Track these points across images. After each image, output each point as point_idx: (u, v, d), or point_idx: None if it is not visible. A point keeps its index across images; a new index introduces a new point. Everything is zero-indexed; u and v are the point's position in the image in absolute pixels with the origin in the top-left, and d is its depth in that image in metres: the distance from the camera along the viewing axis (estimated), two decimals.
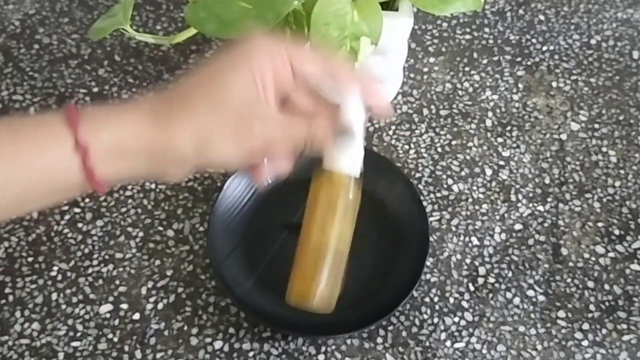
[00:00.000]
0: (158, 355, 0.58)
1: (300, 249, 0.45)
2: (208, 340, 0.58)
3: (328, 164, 0.43)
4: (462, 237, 0.65)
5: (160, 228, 0.64)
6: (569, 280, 0.62)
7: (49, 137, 0.38)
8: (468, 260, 0.63)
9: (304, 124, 0.41)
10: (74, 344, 0.58)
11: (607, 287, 0.62)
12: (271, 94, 0.40)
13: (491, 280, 0.62)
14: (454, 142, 0.71)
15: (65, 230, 0.64)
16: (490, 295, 0.61)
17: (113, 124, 0.39)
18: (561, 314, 0.61)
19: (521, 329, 0.60)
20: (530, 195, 0.67)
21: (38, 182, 0.38)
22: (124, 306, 0.60)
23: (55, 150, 0.38)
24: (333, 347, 0.58)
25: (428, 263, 0.63)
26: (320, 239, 0.45)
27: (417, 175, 0.68)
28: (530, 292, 0.62)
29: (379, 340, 0.59)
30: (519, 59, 0.78)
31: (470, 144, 0.71)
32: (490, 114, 0.73)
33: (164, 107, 0.39)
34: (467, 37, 0.79)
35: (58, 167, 0.38)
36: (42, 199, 0.40)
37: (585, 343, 0.59)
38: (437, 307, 0.61)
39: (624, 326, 0.60)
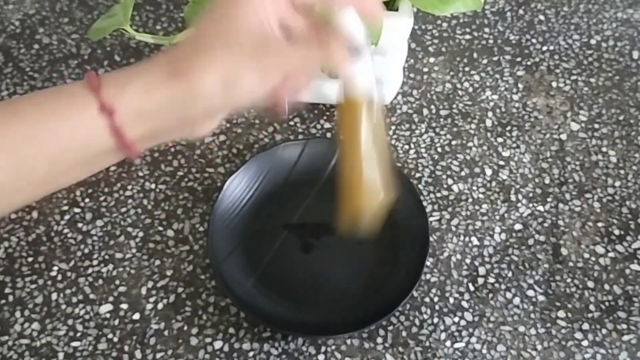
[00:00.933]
0: (158, 355, 0.58)
1: (343, 176, 0.46)
2: (208, 340, 0.58)
3: (346, 88, 0.44)
4: (462, 237, 0.65)
5: (160, 228, 0.64)
6: (569, 280, 0.62)
7: (72, 103, 0.38)
8: (468, 260, 0.63)
9: (317, 49, 0.41)
10: (74, 344, 0.58)
11: (607, 287, 0.62)
12: (275, 24, 0.40)
13: (491, 280, 0.62)
14: (454, 142, 0.71)
15: (65, 230, 0.64)
16: (490, 295, 0.61)
17: (135, 83, 0.38)
18: (561, 314, 0.61)
19: (521, 329, 0.60)
20: (530, 195, 0.67)
21: (68, 150, 0.38)
22: (124, 306, 0.60)
23: (81, 115, 0.37)
24: (333, 347, 0.58)
25: (428, 263, 0.63)
26: (357, 163, 0.45)
27: (417, 175, 0.68)
28: (530, 292, 0.62)
29: (379, 340, 0.59)
30: (519, 59, 0.78)
31: (470, 144, 0.71)
32: (490, 114, 0.73)
33: (181, 56, 0.39)
34: (467, 37, 0.79)
35: (86, 132, 0.38)
36: (75, 169, 0.40)
37: (585, 343, 0.59)
38: (437, 307, 0.61)
39: (624, 326, 0.60)
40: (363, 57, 0.42)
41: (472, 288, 0.62)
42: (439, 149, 0.70)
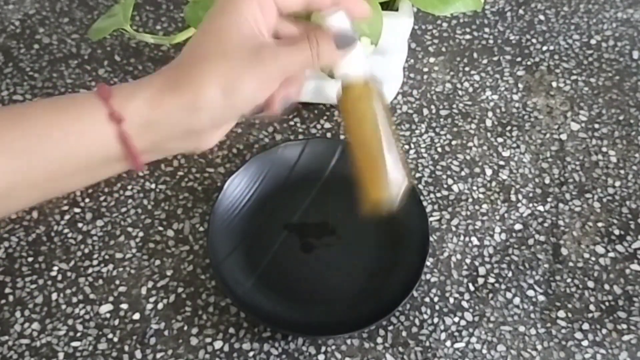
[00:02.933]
0: (158, 355, 0.58)
1: (357, 165, 0.46)
2: (208, 340, 0.58)
3: (343, 76, 0.45)
4: (462, 237, 0.65)
5: (160, 228, 0.64)
6: (569, 280, 0.62)
7: (83, 109, 0.39)
8: (468, 260, 0.63)
9: (307, 46, 0.42)
10: (74, 344, 0.58)
11: (607, 287, 0.62)
12: (264, 29, 0.42)
13: (491, 280, 0.62)
14: (454, 142, 0.71)
15: (65, 230, 0.64)
16: (490, 295, 0.61)
17: (141, 94, 0.39)
18: (561, 314, 0.61)
19: (521, 329, 0.60)
20: (530, 195, 0.67)
21: (75, 154, 0.39)
22: (124, 306, 0.60)
23: (90, 121, 0.39)
24: (333, 347, 0.58)
25: (428, 263, 0.63)
26: (369, 148, 0.45)
27: (417, 175, 0.68)
28: (530, 292, 0.62)
29: (379, 340, 0.59)
30: (519, 59, 0.78)
31: (470, 144, 0.71)
32: (490, 114, 0.73)
33: (180, 69, 0.40)
34: (467, 37, 0.79)
35: (94, 138, 0.39)
36: (80, 175, 0.41)
37: (585, 343, 0.59)
38: (437, 307, 0.61)
39: (624, 326, 0.60)
40: (354, 48, 0.43)
41: (472, 288, 0.62)
42: (439, 149, 0.70)
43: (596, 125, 0.73)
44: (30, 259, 0.62)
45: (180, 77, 0.40)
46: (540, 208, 0.67)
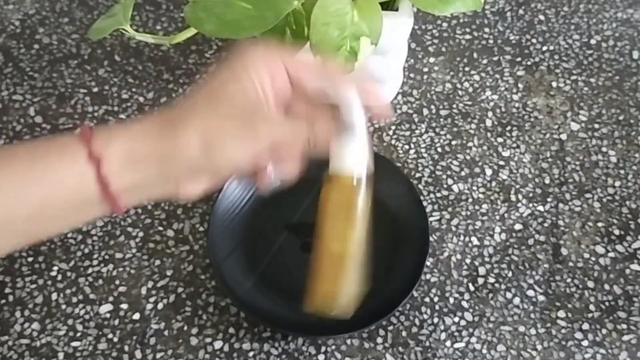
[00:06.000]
0: (158, 355, 0.58)
1: (319, 257, 0.45)
2: (208, 340, 0.58)
3: (334, 167, 0.43)
4: (462, 237, 0.65)
5: (160, 228, 0.64)
6: (569, 280, 0.62)
7: (63, 151, 0.39)
8: (468, 260, 0.63)
9: (306, 124, 0.41)
10: (74, 344, 0.58)
11: (607, 287, 0.62)
12: (271, 98, 0.41)
13: (491, 280, 0.62)
14: (454, 142, 0.71)
15: (65, 230, 0.64)
16: (490, 295, 0.61)
17: (124, 135, 0.40)
18: (561, 314, 0.61)
19: (521, 329, 0.60)
20: (530, 195, 0.67)
21: (54, 196, 0.39)
22: (124, 306, 0.60)
23: (70, 162, 0.39)
24: (333, 347, 0.58)
25: (428, 263, 0.63)
26: (337, 247, 0.44)
27: (417, 175, 0.68)
28: (530, 292, 0.62)
29: (379, 340, 0.59)
30: (519, 59, 0.78)
31: (470, 144, 0.71)
32: (490, 114, 0.73)
33: (170, 117, 0.40)
34: (467, 37, 0.79)
35: (73, 180, 0.39)
36: (59, 218, 0.40)
37: (585, 343, 0.59)
38: (437, 307, 0.61)
39: (624, 326, 0.60)
40: (356, 137, 0.42)
41: (472, 288, 0.62)
42: (439, 149, 0.70)
43: (596, 125, 0.73)
44: (30, 259, 0.62)
45: (165, 125, 0.40)
46: (540, 208, 0.67)
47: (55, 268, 0.62)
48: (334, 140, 0.42)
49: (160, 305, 0.60)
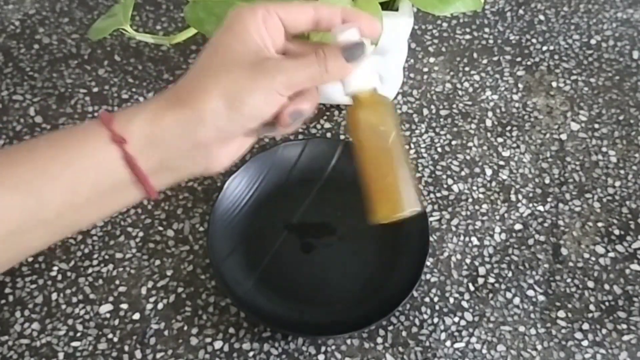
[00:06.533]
0: (158, 355, 0.58)
1: (369, 177, 0.44)
2: (208, 340, 0.58)
3: (352, 88, 0.43)
4: (462, 237, 0.65)
5: (160, 228, 0.64)
6: (569, 280, 0.62)
7: (85, 136, 0.39)
8: (468, 260, 0.63)
9: (312, 58, 0.41)
10: (74, 344, 0.58)
11: (607, 287, 0.62)
12: (270, 46, 0.41)
13: (491, 280, 0.62)
14: (454, 142, 0.71)
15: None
16: (490, 295, 0.61)
17: (142, 113, 0.39)
18: (561, 314, 0.61)
19: (521, 329, 0.60)
20: (530, 195, 0.67)
21: (82, 183, 0.38)
22: (124, 306, 0.60)
23: (94, 147, 0.38)
24: (333, 347, 0.58)
25: (428, 263, 0.63)
26: (382, 155, 0.44)
27: (417, 175, 0.68)
28: (530, 292, 0.62)
29: (379, 340, 0.59)
30: (519, 59, 0.78)
31: (470, 144, 0.71)
32: (490, 114, 0.73)
33: (183, 85, 0.40)
34: (467, 37, 0.79)
35: (99, 164, 0.38)
36: (91, 205, 0.40)
37: (585, 343, 0.59)
38: (437, 307, 0.61)
39: (624, 326, 0.60)
40: (364, 61, 0.42)
41: (472, 288, 0.62)
42: (439, 149, 0.70)
43: (596, 125, 0.73)
44: (30, 259, 0.62)
45: (182, 93, 0.40)
46: (540, 208, 0.67)
47: (55, 268, 0.62)
48: (348, 70, 0.42)
49: (160, 305, 0.60)
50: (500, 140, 0.71)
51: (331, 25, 0.42)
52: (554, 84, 0.76)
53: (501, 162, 0.70)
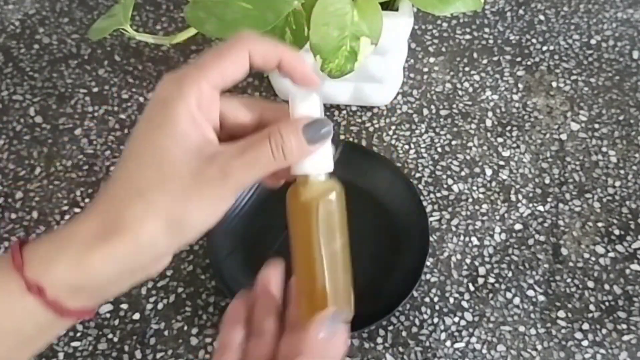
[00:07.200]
0: (158, 355, 0.58)
1: (298, 269, 0.41)
2: (208, 340, 0.58)
3: (300, 170, 0.37)
4: (462, 237, 0.65)
5: None
6: (569, 280, 0.62)
7: None
8: (468, 260, 0.63)
9: (264, 144, 0.34)
10: (74, 344, 0.58)
11: (607, 287, 0.62)
12: (210, 131, 0.35)
13: (491, 280, 0.62)
14: (454, 142, 0.71)
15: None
16: (490, 295, 0.61)
17: (64, 255, 0.33)
18: (561, 314, 0.61)
19: (521, 329, 0.60)
20: (530, 195, 0.67)
21: (5, 332, 0.33)
22: (124, 306, 0.60)
23: (8, 295, 0.33)
24: None
25: (428, 263, 0.63)
26: (316, 255, 0.40)
27: (417, 175, 0.68)
28: (530, 292, 0.62)
29: (379, 340, 0.59)
30: (519, 59, 0.78)
31: (470, 144, 0.71)
32: (490, 114, 0.73)
33: (112, 208, 0.33)
34: (467, 37, 0.79)
35: (18, 312, 0.33)
36: (19, 350, 0.35)
37: (585, 343, 0.59)
38: (437, 307, 0.61)
39: (624, 326, 0.60)
40: (329, 138, 0.35)
41: (472, 288, 0.62)
42: (439, 149, 0.70)
43: (596, 125, 0.73)
44: None
45: (111, 221, 0.33)
46: (540, 208, 0.67)
47: None
48: (306, 148, 0.35)
49: (160, 305, 0.60)
50: (500, 140, 0.71)
51: (269, 63, 0.35)
52: (554, 84, 0.76)
53: (501, 162, 0.70)
